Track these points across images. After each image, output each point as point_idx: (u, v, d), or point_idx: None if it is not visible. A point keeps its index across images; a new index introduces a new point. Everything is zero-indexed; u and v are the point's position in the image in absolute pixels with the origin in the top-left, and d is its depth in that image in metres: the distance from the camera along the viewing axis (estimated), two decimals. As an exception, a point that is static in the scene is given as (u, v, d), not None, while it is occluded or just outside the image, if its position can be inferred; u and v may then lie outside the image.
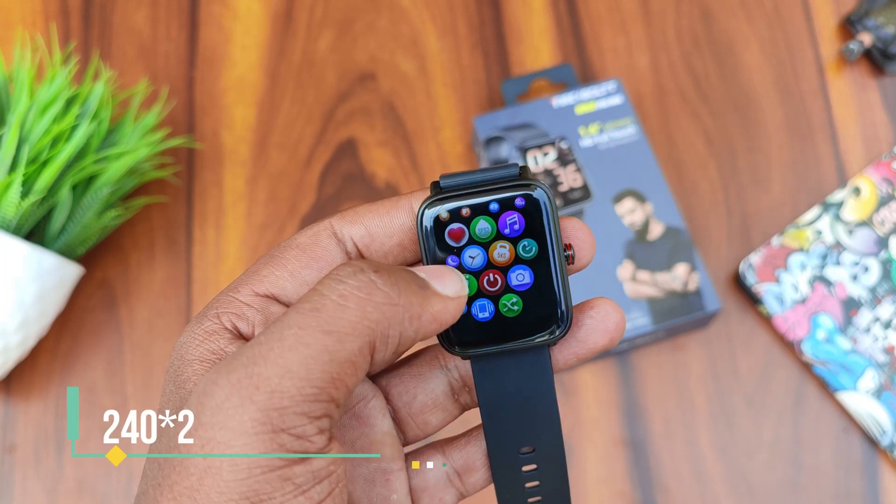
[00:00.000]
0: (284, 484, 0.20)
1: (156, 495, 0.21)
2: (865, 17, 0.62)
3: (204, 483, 0.20)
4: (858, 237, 0.57)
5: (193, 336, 0.24)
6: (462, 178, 0.26)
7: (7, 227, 0.50)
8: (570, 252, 0.26)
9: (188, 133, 0.61)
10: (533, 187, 0.25)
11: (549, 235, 0.25)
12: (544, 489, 0.28)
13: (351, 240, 0.26)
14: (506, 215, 0.25)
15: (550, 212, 0.25)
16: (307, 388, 0.21)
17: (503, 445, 0.27)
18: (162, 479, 0.21)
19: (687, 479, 0.53)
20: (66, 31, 0.64)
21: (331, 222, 0.26)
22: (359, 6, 0.65)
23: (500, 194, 0.25)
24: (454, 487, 0.28)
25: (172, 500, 0.21)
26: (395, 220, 0.26)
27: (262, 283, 0.25)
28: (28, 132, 0.51)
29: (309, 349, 0.21)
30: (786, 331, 0.55)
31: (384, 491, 0.27)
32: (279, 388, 0.20)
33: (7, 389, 0.56)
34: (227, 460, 0.20)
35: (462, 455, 0.28)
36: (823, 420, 0.54)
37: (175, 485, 0.21)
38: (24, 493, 0.54)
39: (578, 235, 0.26)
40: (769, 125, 0.61)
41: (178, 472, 0.21)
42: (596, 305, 0.27)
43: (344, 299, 0.21)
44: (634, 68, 0.63)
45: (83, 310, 0.57)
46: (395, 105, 0.62)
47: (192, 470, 0.21)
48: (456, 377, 0.28)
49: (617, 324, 0.26)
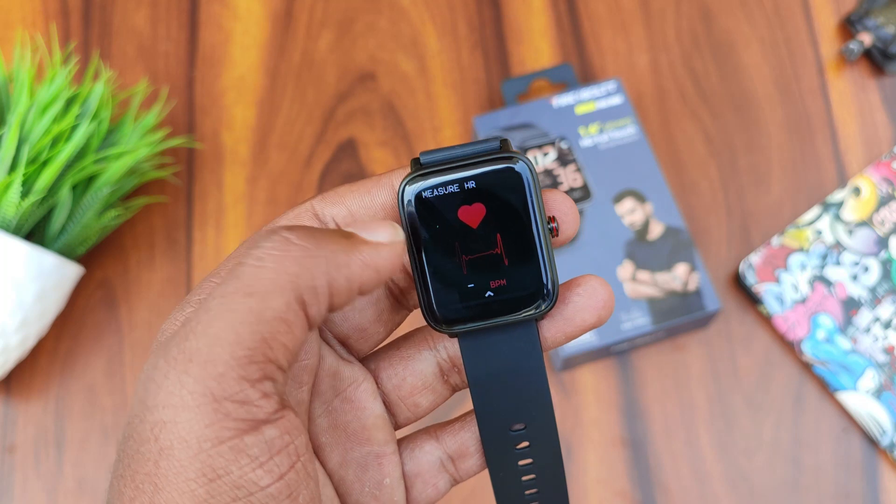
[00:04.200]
0: (239, 456, 0.20)
1: (120, 487, 0.21)
2: (865, 17, 0.62)
3: (160, 466, 0.20)
4: (858, 237, 0.57)
5: (176, 326, 0.24)
6: (442, 153, 0.25)
7: (7, 227, 0.50)
8: (553, 224, 0.26)
9: (188, 133, 0.61)
10: (515, 160, 0.25)
11: (533, 208, 0.25)
12: (537, 466, 0.28)
13: (333, 220, 0.26)
14: (488, 189, 0.25)
15: (533, 185, 0.25)
16: (238, 351, 0.20)
17: (494, 423, 0.27)
18: (123, 470, 0.21)
19: (687, 478, 0.53)
20: (66, 31, 0.64)
21: (312, 203, 0.26)
22: (359, 6, 0.65)
23: (482, 168, 0.25)
24: (447, 472, 0.28)
25: (135, 488, 0.21)
26: (376, 198, 0.26)
27: None
28: (28, 132, 0.51)
29: (234, 314, 0.20)
30: (786, 331, 0.55)
31: (377, 475, 0.27)
32: (211, 357, 0.20)
33: (7, 389, 0.56)
34: (176, 439, 0.20)
35: (455, 440, 0.28)
36: (823, 420, 0.54)
37: (136, 473, 0.21)
38: (24, 493, 0.54)
39: (561, 208, 0.26)
40: (769, 125, 0.61)
41: (137, 461, 0.21)
42: (583, 283, 0.26)
43: (260, 260, 0.21)
44: (634, 68, 0.63)
45: (83, 310, 0.57)
46: (395, 105, 0.62)
47: (148, 455, 0.20)
48: (445, 358, 0.28)
49: (605, 301, 0.26)
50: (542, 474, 0.28)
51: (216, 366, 0.20)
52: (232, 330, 0.20)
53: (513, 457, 0.28)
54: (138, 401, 0.21)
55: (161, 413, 0.20)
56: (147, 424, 0.21)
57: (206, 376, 0.20)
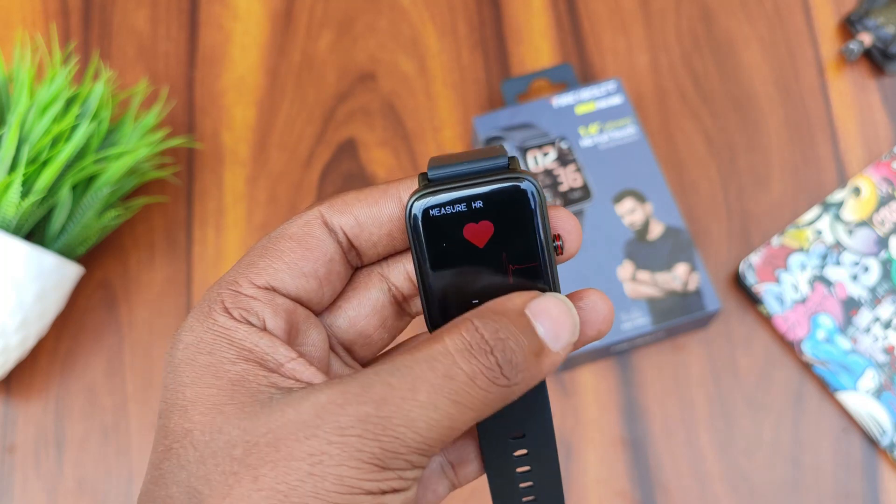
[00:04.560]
0: (374, 500, 0.22)
1: (228, 482, 0.22)
2: (865, 17, 0.62)
3: (304, 485, 0.21)
4: (858, 237, 0.57)
5: (213, 334, 0.24)
6: (450, 169, 0.26)
7: (7, 227, 0.50)
8: (558, 243, 0.26)
9: (188, 133, 0.61)
10: (522, 179, 0.25)
11: (538, 228, 0.25)
12: (535, 474, 0.28)
13: (341, 229, 0.26)
14: (495, 207, 0.25)
15: (540, 204, 0.25)
16: (423, 443, 0.22)
17: (493, 432, 0.28)
18: (239, 468, 0.22)
19: (687, 478, 0.53)
20: (66, 31, 0.64)
21: (320, 211, 0.26)
22: (359, 6, 0.65)
23: (489, 186, 0.25)
24: (447, 478, 0.29)
25: (257, 490, 0.21)
26: (384, 210, 0.26)
27: (260, 276, 0.25)
28: (28, 132, 0.51)
29: (437, 413, 0.22)
30: (786, 331, 0.55)
31: None
32: (402, 437, 0.22)
33: (7, 389, 0.56)
34: (333, 474, 0.22)
35: (456, 448, 0.29)
36: (823, 420, 0.54)
37: (263, 477, 0.22)
38: (24, 493, 0.54)
39: (565, 226, 0.26)
40: (769, 125, 0.61)
41: (272, 468, 0.22)
42: (585, 297, 0.27)
43: (474, 378, 0.23)
44: (634, 68, 0.63)
45: (83, 310, 0.57)
46: (395, 105, 0.62)
47: (293, 471, 0.22)
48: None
49: (605, 316, 0.27)
50: (539, 482, 0.29)
51: (401, 446, 0.22)
52: (429, 426, 0.23)
53: (511, 464, 0.28)
54: (302, 421, 0.22)
55: (329, 448, 0.22)
56: (306, 447, 0.22)
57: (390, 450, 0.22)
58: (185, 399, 0.24)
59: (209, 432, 0.23)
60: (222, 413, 0.23)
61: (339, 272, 0.26)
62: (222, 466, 0.22)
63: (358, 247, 0.26)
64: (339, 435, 0.22)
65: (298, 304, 0.26)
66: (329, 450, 0.22)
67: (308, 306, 0.26)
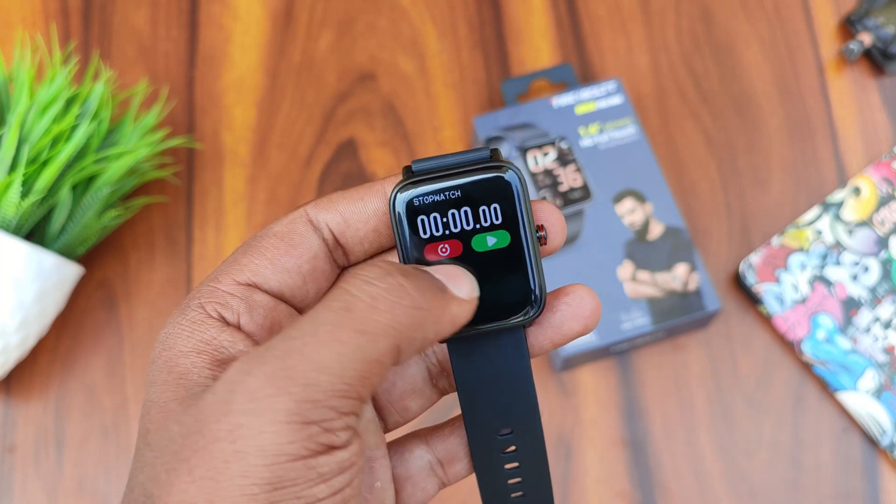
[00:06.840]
0: (308, 472, 0.21)
1: (170, 479, 0.22)
2: (865, 17, 0.62)
3: (230, 466, 0.21)
4: (858, 237, 0.57)
5: (181, 328, 0.25)
6: (434, 161, 0.26)
7: (7, 227, 0.50)
8: (542, 233, 0.26)
9: (188, 133, 0.61)
10: (504, 169, 0.25)
11: (522, 217, 0.26)
12: (523, 469, 0.29)
13: (326, 226, 0.26)
14: (478, 197, 0.25)
15: (522, 194, 0.25)
16: (339, 384, 0.21)
17: (481, 428, 0.28)
18: (177, 464, 0.22)
19: (687, 479, 0.53)
20: (66, 31, 0.64)
21: (305, 210, 0.26)
22: (359, 6, 0.65)
23: (472, 177, 0.25)
24: (436, 476, 0.29)
25: (191, 481, 0.21)
26: (369, 205, 0.26)
27: (242, 272, 0.25)
28: (28, 132, 0.51)
29: (343, 346, 0.21)
30: (786, 331, 0.55)
31: (368, 478, 0.27)
32: (314, 382, 0.21)
33: (7, 389, 0.56)
34: (254, 446, 0.21)
35: (445, 445, 0.29)
36: (823, 420, 0.54)
37: (196, 468, 0.21)
38: (24, 493, 0.54)
39: (549, 218, 0.26)
40: (769, 125, 0.61)
41: (200, 456, 0.21)
42: (571, 292, 0.27)
43: (375, 301, 0.22)
44: (634, 68, 0.63)
45: (83, 310, 0.57)
46: (395, 105, 0.62)
47: (217, 453, 0.21)
48: (434, 362, 0.28)
49: (592, 310, 0.27)
50: (528, 477, 0.29)
51: (316, 392, 0.21)
52: (338, 362, 0.21)
53: (499, 460, 0.28)
54: (218, 400, 0.22)
55: (247, 419, 0.21)
56: (224, 424, 0.21)
57: (305, 399, 0.21)
58: (149, 398, 0.24)
59: (159, 431, 0.23)
60: (167, 410, 0.23)
61: (324, 270, 0.27)
62: (167, 465, 0.22)
63: (344, 244, 0.27)
64: (251, 401, 0.21)
65: (281, 301, 0.26)
66: (244, 420, 0.21)
67: (292, 303, 0.26)
